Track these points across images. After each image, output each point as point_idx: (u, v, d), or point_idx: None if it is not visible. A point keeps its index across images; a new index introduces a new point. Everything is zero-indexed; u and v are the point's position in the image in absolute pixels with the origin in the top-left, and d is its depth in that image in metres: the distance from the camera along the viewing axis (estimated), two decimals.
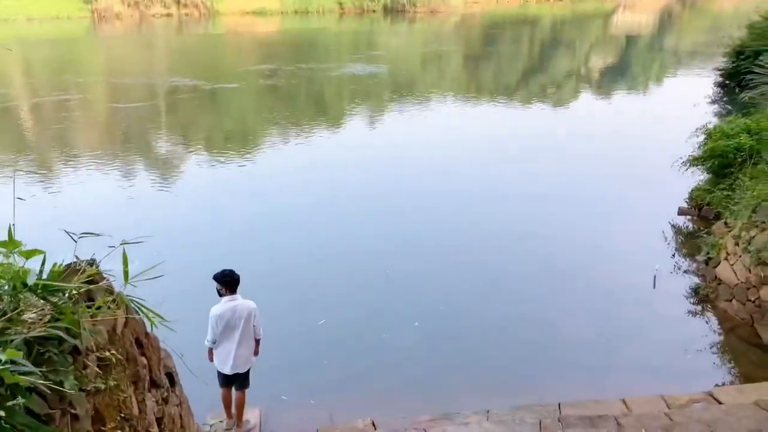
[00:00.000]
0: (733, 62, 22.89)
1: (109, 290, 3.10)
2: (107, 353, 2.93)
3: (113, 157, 16.35)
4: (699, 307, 8.64)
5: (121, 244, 2.91)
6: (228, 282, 5.72)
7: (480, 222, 11.74)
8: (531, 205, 12.54)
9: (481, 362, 7.58)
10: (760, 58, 20.51)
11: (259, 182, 14.39)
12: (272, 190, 13.75)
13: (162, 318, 3.07)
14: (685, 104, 22.53)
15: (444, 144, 17.58)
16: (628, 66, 35.33)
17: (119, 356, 3.07)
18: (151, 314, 3.07)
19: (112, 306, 3.03)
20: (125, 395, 3.11)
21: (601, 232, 11.20)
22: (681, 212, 11.43)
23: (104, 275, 3.07)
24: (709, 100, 23.02)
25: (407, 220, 11.96)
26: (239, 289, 5.81)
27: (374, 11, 63.49)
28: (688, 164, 11.51)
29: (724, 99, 23.18)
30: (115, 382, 2.96)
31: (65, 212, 12.22)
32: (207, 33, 49.00)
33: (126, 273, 2.88)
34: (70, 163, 15.73)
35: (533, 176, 14.45)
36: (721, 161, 10.72)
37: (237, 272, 5.77)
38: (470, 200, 12.97)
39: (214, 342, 5.87)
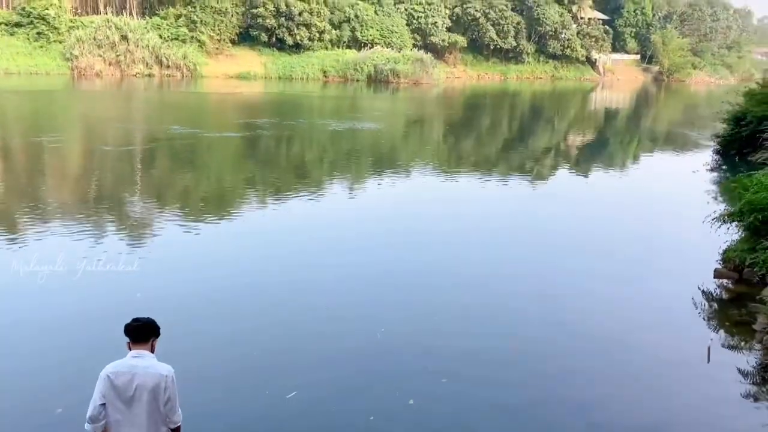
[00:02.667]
0: (733, 129, 22.36)
1: None
2: None
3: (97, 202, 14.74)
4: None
5: None
6: (131, 330, 3.89)
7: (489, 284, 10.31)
8: (546, 268, 11.19)
9: None
10: (765, 122, 20.08)
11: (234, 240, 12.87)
12: (248, 247, 12.22)
13: None
14: (683, 173, 21.89)
15: (455, 212, 16.32)
16: (618, 139, 35.04)
17: None
18: None
19: None
20: None
21: (628, 298, 9.81)
22: (717, 275, 10.12)
23: None
24: (708, 168, 22.34)
25: (410, 283, 10.47)
26: (161, 348, 4.09)
27: (358, 80, 63.69)
28: (722, 221, 10.31)
29: (724, 167, 22.52)
30: None
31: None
32: (194, 91, 48.30)
33: None
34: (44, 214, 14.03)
35: (541, 240, 13.16)
36: (764, 215, 9.52)
37: (155, 321, 3.99)
38: (478, 262, 11.57)
39: (95, 421, 3.72)
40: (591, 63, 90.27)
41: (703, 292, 10.02)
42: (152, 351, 3.98)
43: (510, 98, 59.22)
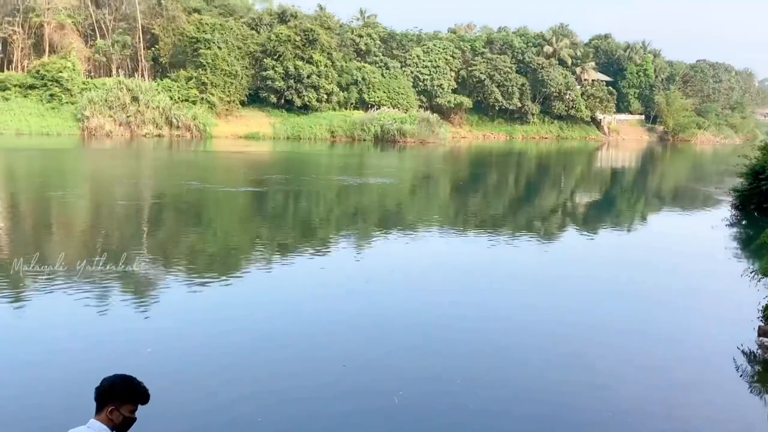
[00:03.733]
0: (751, 183, 21.95)
1: None
2: None
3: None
4: None
5: None
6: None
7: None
8: (582, 327, 10.60)
9: None
10: None
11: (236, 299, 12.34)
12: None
13: None
14: (702, 229, 21.39)
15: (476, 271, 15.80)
16: (632, 197, 34.69)
17: None
18: None
19: None
20: None
21: (667, 365, 9.14)
22: (763, 332, 9.48)
23: None
24: (728, 223, 21.83)
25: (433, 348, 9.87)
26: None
27: (365, 140, 64.18)
28: (761, 275, 9.75)
29: (743, 222, 22.02)
30: None
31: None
32: (206, 150, 48.61)
33: None
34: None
35: (570, 299, 12.58)
36: None
37: (118, 383, 3.31)
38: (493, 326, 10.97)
39: None
40: (596, 123, 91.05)
41: (743, 353, 9.37)
42: (111, 421, 3.27)
43: (517, 156, 59.40)
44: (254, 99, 65.98)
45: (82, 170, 34.07)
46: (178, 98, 60.48)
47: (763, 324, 9.61)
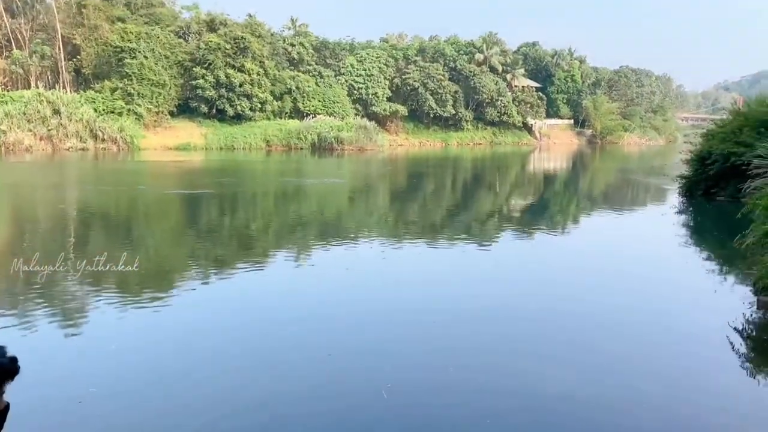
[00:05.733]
0: (698, 169, 22.17)
1: None
2: None
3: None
4: None
5: None
6: None
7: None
8: (581, 316, 9.93)
9: None
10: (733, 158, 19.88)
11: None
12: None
13: None
14: (652, 217, 21.41)
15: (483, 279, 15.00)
16: (573, 195, 34.91)
17: None
18: None
19: None
20: None
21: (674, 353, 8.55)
22: (762, 305, 9.05)
23: None
24: (676, 210, 21.95)
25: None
26: None
27: (302, 148, 62.98)
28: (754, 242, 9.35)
29: (690, 208, 22.19)
30: None
31: None
32: (138, 160, 46.36)
33: None
34: None
35: (548, 291, 11.96)
36: None
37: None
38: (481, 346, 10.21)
39: None
40: (527, 128, 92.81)
41: (747, 323, 8.93)
42: None
43: (453, 162, 59.43)
44: (184, 109, 63.73)
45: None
46: (103, 110, 57.74)
47: (761, 296, 9.19)
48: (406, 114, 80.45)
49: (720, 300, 10.42)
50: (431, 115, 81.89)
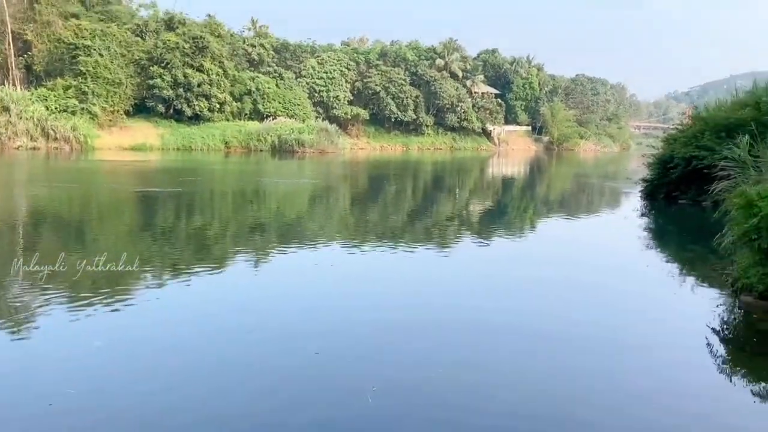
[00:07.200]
0: (659, 173, 22.53)
1: None
2: None
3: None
4: None
5: None
6: None
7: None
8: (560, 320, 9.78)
9: None
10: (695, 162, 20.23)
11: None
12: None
13: None
14: (615, 221, 21.59)
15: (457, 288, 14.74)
16: (533, 201, 35.17)
17: None
18: None
19: None
20: None
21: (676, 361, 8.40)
22: (746, 305, 9.03)
23: None
24: (639, 213, 22.23)
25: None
26: None
27: (261, 150, 62.17)
28: (736, 244, 9.36)
29: (653, 211, 22.52)
30: None
31: None
32: (94, 159, 44.95)
33: None
34: None
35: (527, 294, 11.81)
36: None
37: None
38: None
39: None
40: (486, 134, 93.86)
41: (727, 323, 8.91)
42: None
43: (415, 165, 59.45)
44: (141, 109, 62.21)
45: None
46: (56, 108, 55.87)
47: (743, 295, 9.16)
48: (368, 118, 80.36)
49: (697, 301, 10.35)
50: (392, 120, 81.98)
